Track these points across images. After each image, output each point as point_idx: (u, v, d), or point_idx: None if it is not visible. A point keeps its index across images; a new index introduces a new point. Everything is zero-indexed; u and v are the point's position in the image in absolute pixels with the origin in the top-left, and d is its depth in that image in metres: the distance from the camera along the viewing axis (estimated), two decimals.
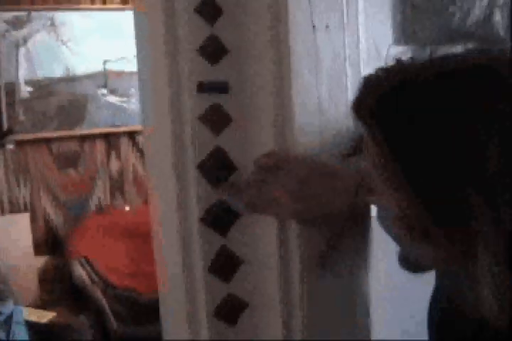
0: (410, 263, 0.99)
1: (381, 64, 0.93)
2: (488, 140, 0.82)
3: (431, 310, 1.11)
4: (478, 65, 0.88)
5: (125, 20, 3.90)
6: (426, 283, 1.06)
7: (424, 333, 1.12)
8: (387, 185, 0.90)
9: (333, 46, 1.22)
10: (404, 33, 1.34)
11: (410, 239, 0.93)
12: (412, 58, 0.90)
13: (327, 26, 1.21)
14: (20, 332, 3.30)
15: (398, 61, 0.91)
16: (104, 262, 4.05)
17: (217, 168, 1.22)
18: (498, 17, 1.53)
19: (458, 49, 0.91)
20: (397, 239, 0.96)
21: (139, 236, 4.04)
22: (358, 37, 1.24)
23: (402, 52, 0.92)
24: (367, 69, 1.03)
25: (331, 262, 1.23)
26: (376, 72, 0.91)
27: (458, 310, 0.95)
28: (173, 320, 1.30)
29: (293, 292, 1.24)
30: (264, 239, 1.24)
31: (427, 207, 0.86)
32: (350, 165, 1.18)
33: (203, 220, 1.22)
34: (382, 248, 1.25)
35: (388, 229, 0.97)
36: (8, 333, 3.20)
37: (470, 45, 0.91)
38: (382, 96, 0.89)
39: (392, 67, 0.91)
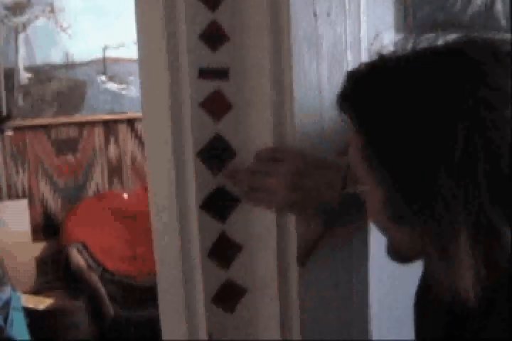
0: (398, 254, 1.00)
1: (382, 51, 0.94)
2: (457, 124, 0.84)
3: (417, 294, 1.13)
4: (453, 51, 0.89)
5: (125, 6, 3.88)
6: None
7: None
8: (368, 175, 0.93)
9: (335, 33, 1.22)
10: (405, 21, 1.33)
11: (389, 227, 0.95)
12: (394, 51, 0.91)
13: (328, 13, 1.21)
14: (18, 319, 3.31)
15: (380, 55, 0.92)
16: (101, 247, 4.05)
17: (216, 155, 1.22)
18: (499, 6, 1.52)
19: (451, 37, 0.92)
20: (380, 228, 0.99)
21: (136, 221, 4.05)
22: (359, 24, 1.24)
23: (402, 39, 0.92)
24: (367, 57, 1.03)
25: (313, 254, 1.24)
26: (359, 66, 0.93)
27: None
28: (170, 306, 1.30)
29: (291, 279, 1.24)
30: (263, 226, 1.24)
31: (402, 194, 0.89)
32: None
33: (202, 207, 1.22)
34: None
35: (373, 219, 0.99)
36: (5, 319, 3.21)
37: (471, 34, 0.91)
38: (363, 89, 0.91)
39: (373, 60, 0.93)
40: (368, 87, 0.91)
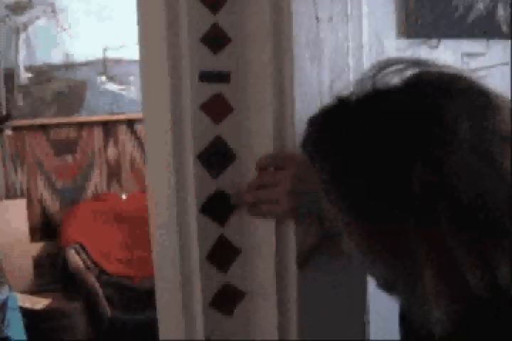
0: (386, 285, 1.01)
1: (383, 57, 0.94)
2: (412, 164, 0.84)
3: (400, 321, 1.13)
4: (406, 91, 0.89)
5: (127, 7, 3.89)
6: None
7: None
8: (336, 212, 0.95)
9: (336, 38, 1.22)
10: (407, 26, 1.34)
11: (362, 258, 0.97)
12: (352, 93, 0.92)
13: (330, 18, 1.21)
14: (15, 319, 3.31)
15: (338, 98, 0.93)
16: (99, 248, 4.05)
17: (217, 157, 1.22)
18: (501, 11, 1.52)
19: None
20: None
21: (134, 223, 4.05)
22: (361, 29, 1.24)
23: (359, 79, 0.93)
24: (369, 62, 1.04)
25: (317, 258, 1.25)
26: (318, 111, 0.95)
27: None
28: (168, 308, 1.30)
29: (290, 282, 1.24)
30: (262, 229, 1.24)
31: (366, 234, 0.91)
32: None
33: (201, 210, 1.22)
34: None
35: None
36: (2, 319, 3.21)
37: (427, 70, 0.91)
38: (323, 134, 0.93)
39: (331, 104, 0.94)
40: (326, 133, 0.92)
